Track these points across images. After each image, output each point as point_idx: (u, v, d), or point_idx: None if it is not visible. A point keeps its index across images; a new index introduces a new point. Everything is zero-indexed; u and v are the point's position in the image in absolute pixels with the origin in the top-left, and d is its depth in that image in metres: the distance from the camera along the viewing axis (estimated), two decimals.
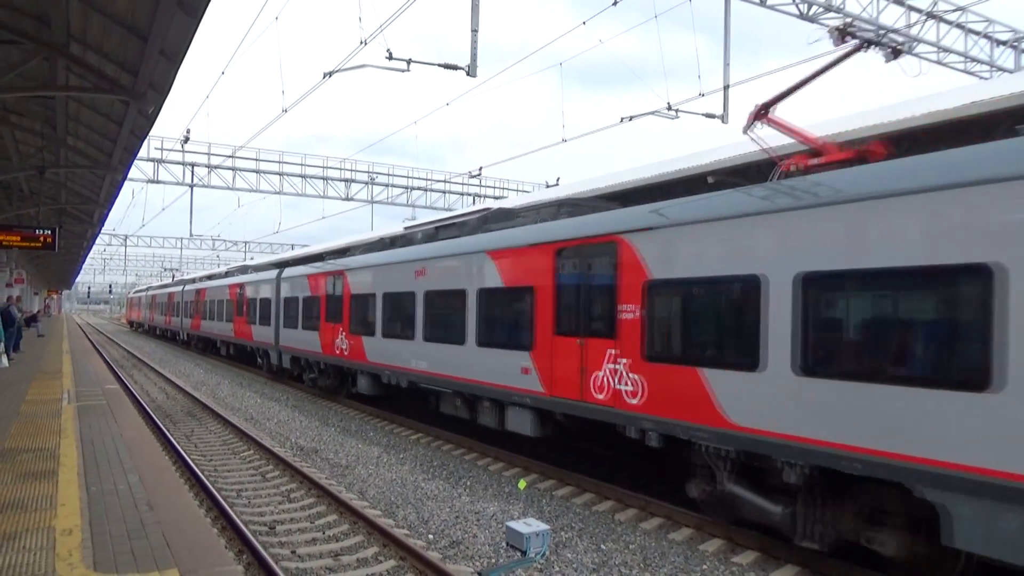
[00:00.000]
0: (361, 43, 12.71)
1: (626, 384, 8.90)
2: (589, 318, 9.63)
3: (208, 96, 20.63)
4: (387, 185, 34.14)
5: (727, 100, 16.63)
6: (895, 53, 7.80)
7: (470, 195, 36.01)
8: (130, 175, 23.87)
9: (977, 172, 5.82)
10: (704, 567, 7.52)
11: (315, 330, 19.07)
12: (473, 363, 11.98)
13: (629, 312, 8.91)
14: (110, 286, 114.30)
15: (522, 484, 10.38)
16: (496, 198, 34.41)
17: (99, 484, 7.16)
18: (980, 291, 5.70)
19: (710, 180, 10.44)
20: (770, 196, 7.49)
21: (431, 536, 8.36)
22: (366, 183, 33.40)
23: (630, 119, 16.90)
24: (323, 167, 32.34)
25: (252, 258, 53.18)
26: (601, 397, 9.28)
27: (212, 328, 32.05)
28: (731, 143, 10.69)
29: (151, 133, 17.83)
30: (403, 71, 14.05)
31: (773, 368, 7.13)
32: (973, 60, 20.82)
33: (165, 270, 73.65)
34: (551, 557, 7.56)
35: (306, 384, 20.90)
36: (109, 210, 26.36)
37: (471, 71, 13.70)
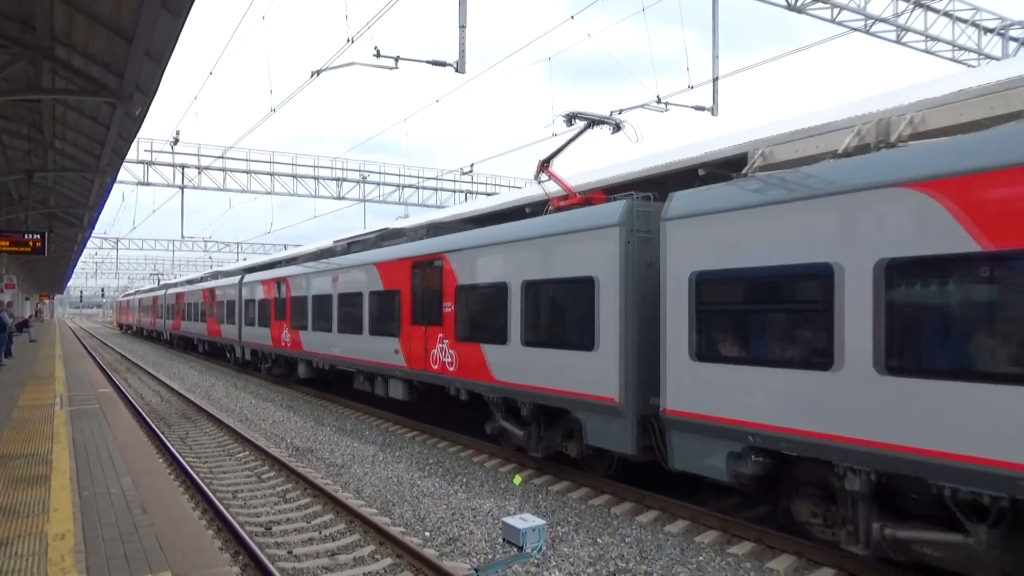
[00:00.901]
0: (348, 41, 12.65)
1: (447, 357, 12.64)
2: (429, 312, 13.26)
3: (196, 97, 20.51)
4: (379, 184, 34.05)
5: (716, 92, 16.63)
6: (616, 128, 11.28)
7: (462, 192, 35.95)
8: (120, 177, 23.72)
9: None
10: (700, 558, 7.54)
11: (267, 327, 22.85)
12: (368, 348, 15.76)
13: (448, 308, 12.62)
14: (102, 290, 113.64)
15: (518, 480, 10.40)
16: (488, 194, 34.36)
17: (92, 488, 7.13)
18: (589, 291, 9.50)
19: (528, 211, 13.89)
20: (506, 231, 11.50)
21: (427, 533, 8.35)
22: (358, 182, 33.29)
23: (619, 112, 16.88)
24: (314, 166, 32.22)
25: (245, 259, 53.27)
26: (435, 367, 13.01)
27: (190, 328, 35.77)
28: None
29: (140, 135, 17.77)
30: (391, 68, 13.99)
31: (513, 342, 11.00)
32: (961, 48, 20.88)
33: (151, 275, 78.05)
34: (548, 552, 7.57)
35: (263, 373, 24.57)
36: (99, 213, 26.22)
37: (460, 67, 13.64)
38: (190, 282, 40.87)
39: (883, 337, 6.30)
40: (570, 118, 11.04)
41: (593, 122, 11.06)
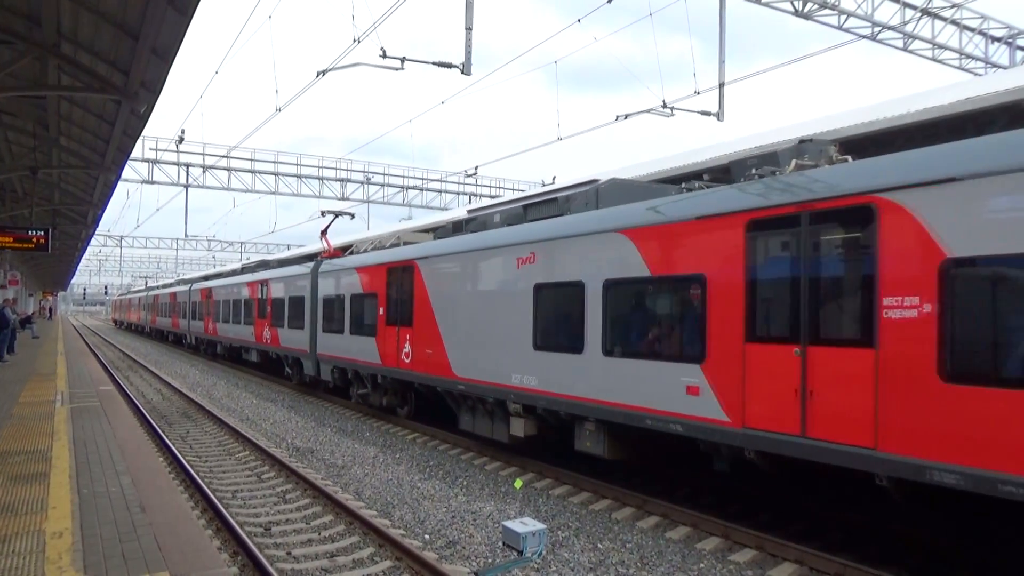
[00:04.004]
0: (354, 41, 12.65)
1: (268, 336, 22.98)
2: (263, 312, 23.64)
3: (202, 96, 20.55)
4: (383, 185, 34.06)
5: (722, 97, 16.60)
6: (352, 216, 22.37)
7: (466, 194, 35.96)
8: (124, 176, 23.78)
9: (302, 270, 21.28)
10: (701, 566, 7.47)
11: (202, 321, 33.23)
12: (243, 333, 26.06)
13: (268, 309, 23.05)
14: (105, 288, 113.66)
15: (518, 483, 10.34)
16: (492, 197, 34.35)
17: (91, 486, 7.09)
18: (303, 303, 20.21)
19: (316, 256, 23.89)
20: (284, 271, 22.66)
21: (427, 536, 8.31)
22: (362, 183, 33.31)
23: (625, 117, 16.87)
24: (319, 167, 32.26)
25: (248, 258, 53.75)
26: (263, 342, 23.68)
27: (162, 322, 47.34)
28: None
29: (145, 133, 17.78)
30: (397, 69, 13.98)
31: (285, 327, 21.39)
32: (968, 57, 20.82)
33: (138, 277, 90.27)
34: (548, 556, 7.51)
35: (201, 352, 35.34)
36: (103, 211, 26.25)
37: (466, 69, 13.64)
38: (164, 287, 53.17)
39: (350, 320, 16.72)
40: (323, 212, 21.36)
41: (338, 214, 21.54)
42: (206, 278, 40.00)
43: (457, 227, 13.74)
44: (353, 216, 22.12)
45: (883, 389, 6.21)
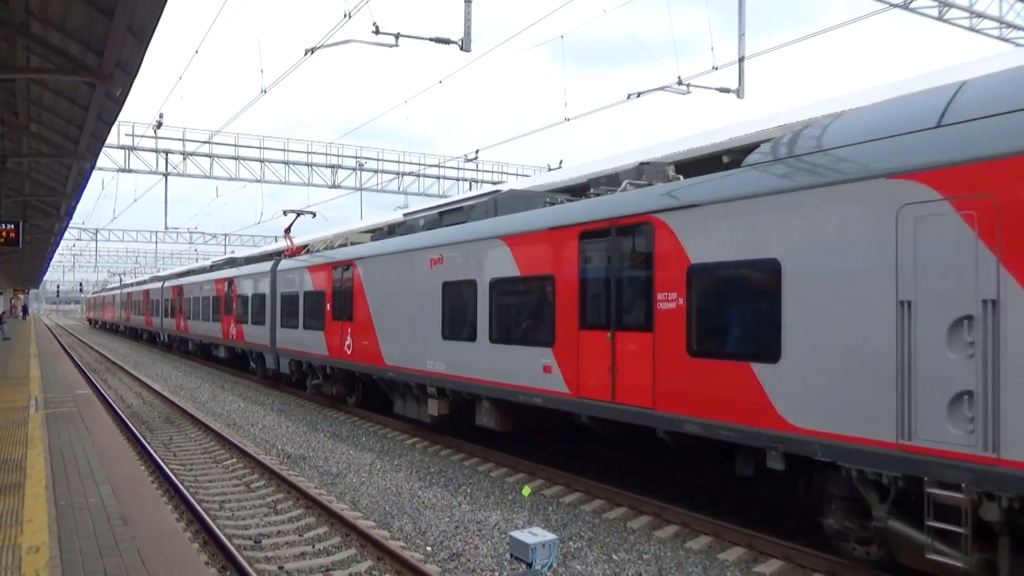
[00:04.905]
0: (345, 16, 12.61)
1: (234, 331, 25.44)
2: (229, 308, 25.98)
3: (181, 77, 20.52)
4: (376, 171, 33.99)
5: (742, 73, 16.53)
6: (313, 215, 25.35)
7: (466, 180, 35.89)
8: (99, 164, 23.75)
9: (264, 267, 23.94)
10: None
11: (175, 318, 36.01)
12: (214, 329, 28.07)
13: (235, 305, 25.33)
14: (80, 284, 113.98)
15: (526, 491, 10.35)
16: (494, 183, 34.32)
17: (69, 497, 7.12)
18: (263, 299, 22.84)
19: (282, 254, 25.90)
20: (251, 268, 25.60)
21: (429, 548, 8.33)
22: (354, 169, 33.25)
23: (638, 95, 16.83)
24: (307, 152, 32.18)
25: (233, 251, 54.10)
26: (230, 337, 26.13)
27: (136, 320, 50.39)
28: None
29: (121, 118, 17.77)
30: (391, 46, 13.95)
31: (247, 323, 23.97)
32: (1009, 26, 20.68)
33: (114, 274, 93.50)
34: (559, 569, 7.52)
35: (173, 349, 38.64)
36: (77, 202, 26.25)
37: (465, 45, 13.62)
38: (138, 284, 55.84)
39: (304, 316, 19.13)
40: (285, 211, 23.86)
41: (300, 213, 23.86)
42: (178, 276, 42.78)
43: (391, 230, 16.33)
44: (315, 215, 24.75)
45: (658, 363, 8.72)
